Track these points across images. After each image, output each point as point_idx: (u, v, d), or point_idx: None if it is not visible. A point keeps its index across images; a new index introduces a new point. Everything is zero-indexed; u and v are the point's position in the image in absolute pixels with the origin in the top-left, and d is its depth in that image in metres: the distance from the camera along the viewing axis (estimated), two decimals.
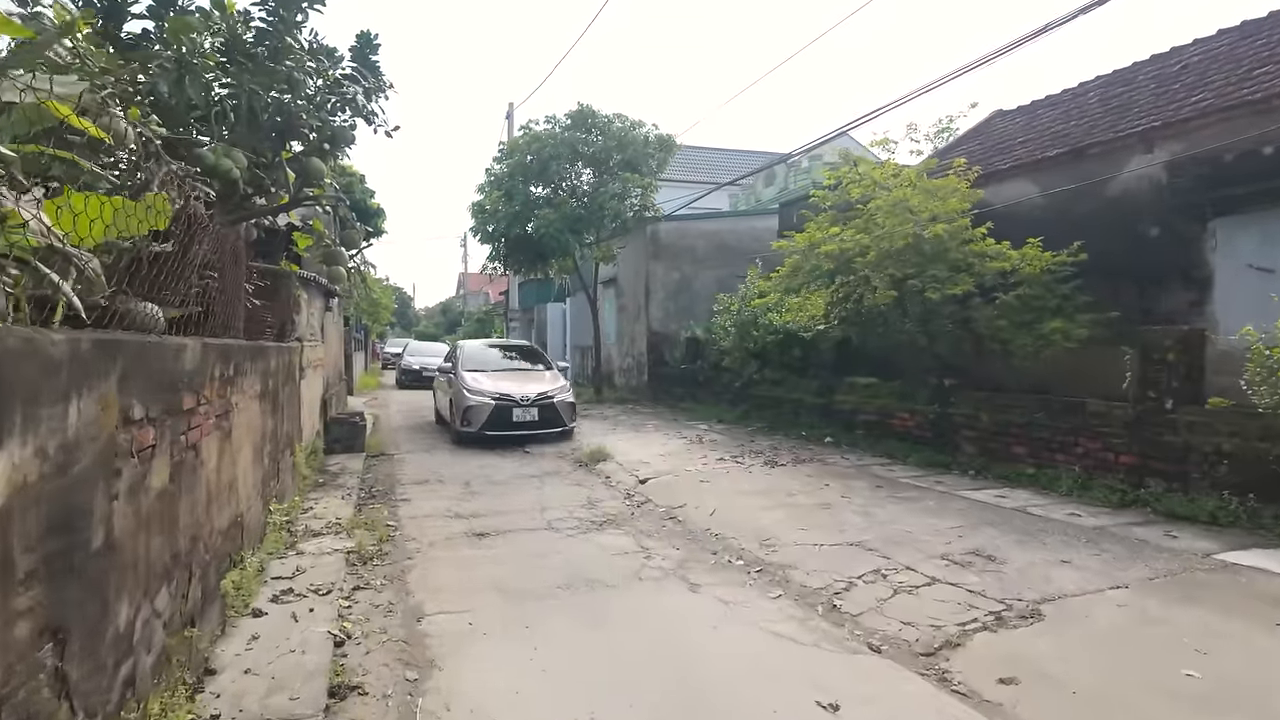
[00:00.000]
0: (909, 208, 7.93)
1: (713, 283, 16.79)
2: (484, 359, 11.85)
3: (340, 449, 9.36)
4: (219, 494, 3.43)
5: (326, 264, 5.17)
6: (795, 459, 8.38)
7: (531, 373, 11.46)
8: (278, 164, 5.11)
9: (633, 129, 14.87)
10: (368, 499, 7.03)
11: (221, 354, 3.41)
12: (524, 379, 10.89)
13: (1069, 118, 10.73)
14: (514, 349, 13.12)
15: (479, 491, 7.33)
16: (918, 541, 5.10)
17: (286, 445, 6.01)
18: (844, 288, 8.93)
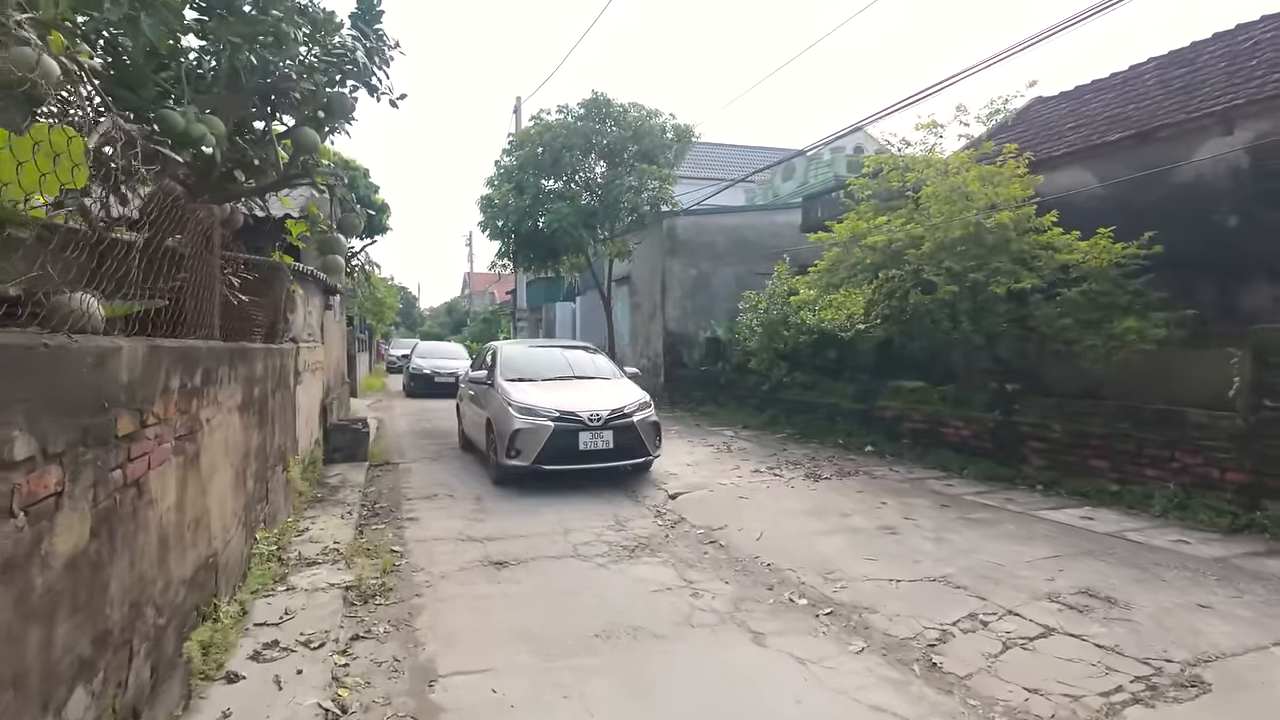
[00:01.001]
0: (966, 194, 7.18)
1: (732, 280, 16.07)
2: (530, 364, 8.65)
3: (341, 458, 8.66)
4: (181, 537, 2.72)
5: (322, 252, 4.47)
6: (839, 471, 7.64)
7: (595, 382, 8.34)
8: (266, 138, 4.41)
9: (649, 118, 14.15)
10: (370, 517, 6.31)
11: (182, 359, 2.69)
12: (587, 390, 7.93)
13: (1125, 101, 9.95)
14: (568, 350, 9.57)
15: (493, 509, 6.61)
16: (1013, 577, 4.36)
17: (278, 460, 5.30)
18: (889, 283, 8.19)
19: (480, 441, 8.44)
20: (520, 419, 7.15)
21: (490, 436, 7.72)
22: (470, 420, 9.19)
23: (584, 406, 7.27)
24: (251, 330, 4.98)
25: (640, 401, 7.64)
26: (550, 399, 7.41)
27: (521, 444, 7.06)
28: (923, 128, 8.58)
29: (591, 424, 7.11)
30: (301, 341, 6.90)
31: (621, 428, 7.24)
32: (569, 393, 7.74)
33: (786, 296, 10.53)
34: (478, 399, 8.64)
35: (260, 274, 5.16)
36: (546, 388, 7.90)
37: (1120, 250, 7.11)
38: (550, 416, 7.13)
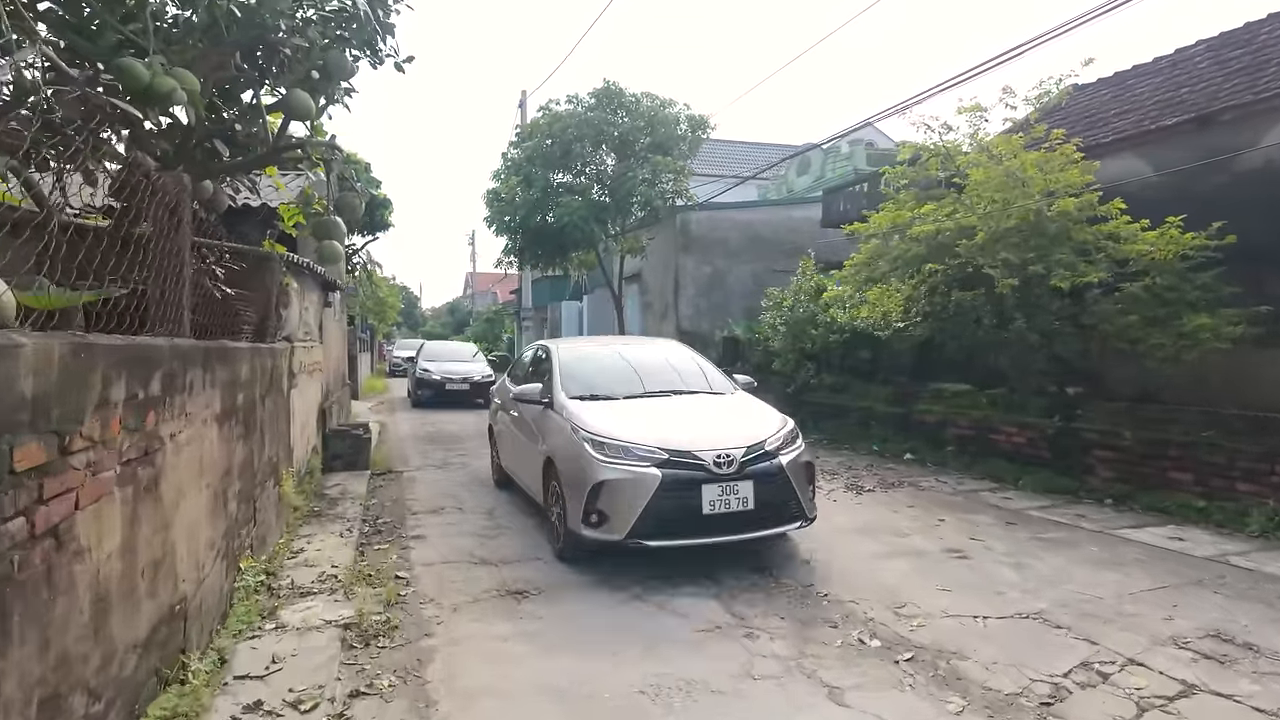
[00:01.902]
0: (1023, 180, 6.56)
1: (748, 278, 15.47)
2: (603, 373, 5.86)
3: (341, 466, 8.07)
4: (130, 589, 2.12)
5: (317, 238, 3.89)
6: (881, 482, 7.03)
7: (702, 399, 5.56)
8: (253, 106, 3.82)
9: (663, 108, 13.56)
10: (372, 535, 5.71)
11: (131, 362, 2.09)
12: (697, 414, 5.26)
13: (1175, 85, 9.32)
14: (647, 350, 6.61)
15: (507, 524, 6.00)
16: (1120, 614, 3.75)
17: (269, 475, 4.70)
18: (932, 278, 7.58)
19: (532, 486, 5.76)
20: (606, 464, 4.51)
21: (552, 484, 5.09)
22: (515, 452, 6.41)
23: (703, 441, 4.58)
24: (238, 328, 4.40)
25: (785, 430, 4.91)
26: (647, 429, 4.74)
27: (609, 504, 4.45)
28: (965, 111, 7.97)
29: (720, 470, 4.44)
30: (297, 341, 6.31)
31: (764, 475, 4.51)
32: (671, 418, 5.07)
33: (814, 293, 9.92)
34: (526, 424, 5.95)
35: (249, 264, 4.58)
36: (635, 411, 5.16)
37: (1190, 240, 6.50)
38: (654, 460, 4.47)
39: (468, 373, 15.82)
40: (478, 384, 15.42)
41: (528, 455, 5.84)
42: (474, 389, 15.38)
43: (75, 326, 2.26)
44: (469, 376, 15.63)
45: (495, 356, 23.85)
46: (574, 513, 4.63)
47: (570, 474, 4.76)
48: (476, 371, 16.02)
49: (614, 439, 4.65)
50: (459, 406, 15.22)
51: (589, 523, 4.51)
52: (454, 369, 16.05)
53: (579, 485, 4.59)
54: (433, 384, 15.62)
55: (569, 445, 4.87)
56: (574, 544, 4.78)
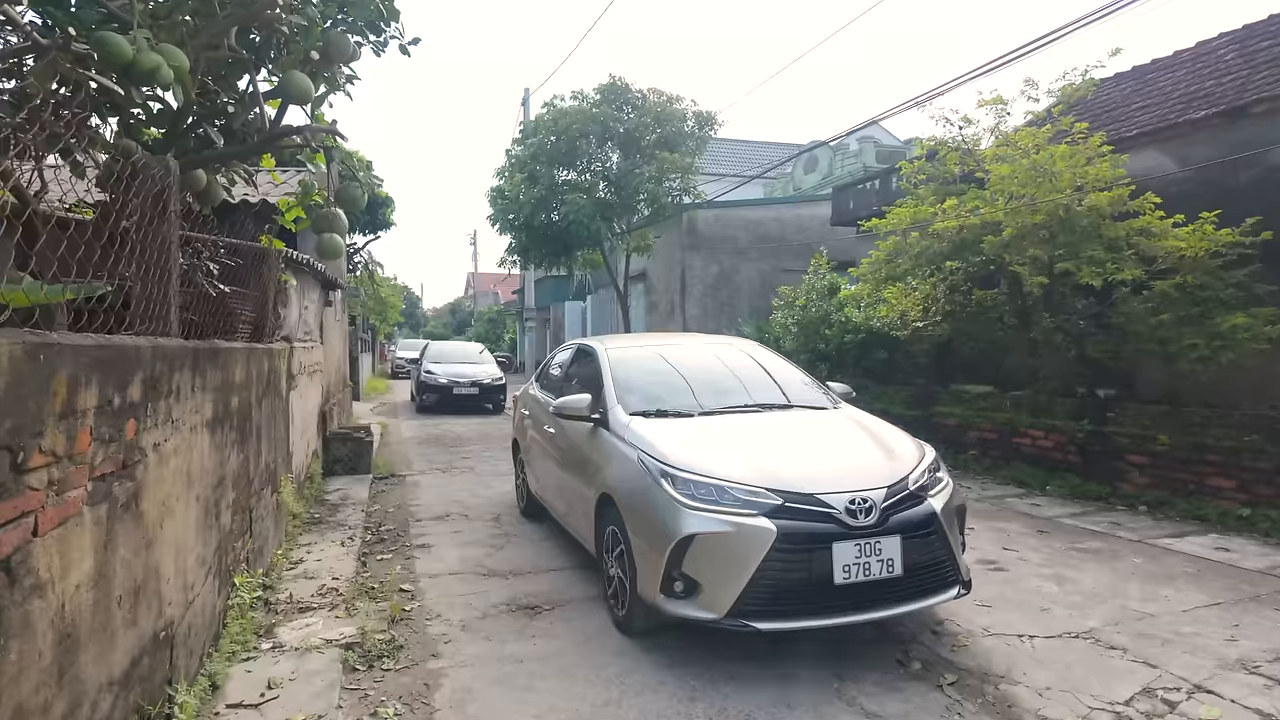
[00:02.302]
0: (1051, 174, 6.31)
1: (755, 277, 15.23)
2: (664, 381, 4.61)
3: (343, 470, 7.84)
4: (104, 621, 1.87)
5: (317, 230, 3.65)
6: None
7: (802, 417, 4.29)
8: (250, 95, 3.58)
9: (670, 104, 13.31)
10: (375, 544, 5.47)
11: (104, 365, 1.85)
12: (803, 438, 4.03)
13: (1200, 78, 9.07)
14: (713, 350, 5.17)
15: (515, 532, 5.76)
16: (1179, 634, 3.50)
17: (266, 482, 4.46)
18: (953, 275, 7.33)
19: (578, 526, 4.54)
20: (696, 511, 3.25)
21: (609, 530, 3.84)
22: (552, 479, 5.12)
23: (826, 479, 3.36)
24: (233, 327, 4.16)
25: (927, 462, 3.66)
26: (746, 461, 3.48)
27: (701, 568, 3.20)
28: (986, 104, 7.72)
29: (856, 521, 3.20)
30: (297, 341, 6.07)
31: (913, 527, 3.29)
32: (772, 444, 3.80)
33: (827, 292, 9.67)
34: (569, 446, 4.71)
35: (245, 260, 4.33)
36: (721, 434, 3.90)
37: (1226, 236, 6.25)
38: (763, 506, 3.23)
39: (476, 375, 14.82)
40: (487, 388, 14.67)
41: (571, 488, 4.56)
42: (483, 393, 14.64)
43: (59, 327, 2.03)
44: (478, 380, 14.68)
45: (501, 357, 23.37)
46: (647, 576, 3.37)
47: (641, 522, 3.49)
48: (485, 374, 14.99)
49: (704, 475, 3.37)
50: (467, 412, 14.51)
51: (671, 592, 3.24)
52: (461, 371, 14.92)
53: (656, 539, 3.33)
54: (439, 388, 14.54)
55: (636, 481, 3.59)
56: (646, 617, 3.48)
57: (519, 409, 6.47)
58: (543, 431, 5.38)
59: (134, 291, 2.37)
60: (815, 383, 4.84)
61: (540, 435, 5.46)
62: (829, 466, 3.56)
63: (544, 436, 5.33)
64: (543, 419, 5.40)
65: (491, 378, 14.88)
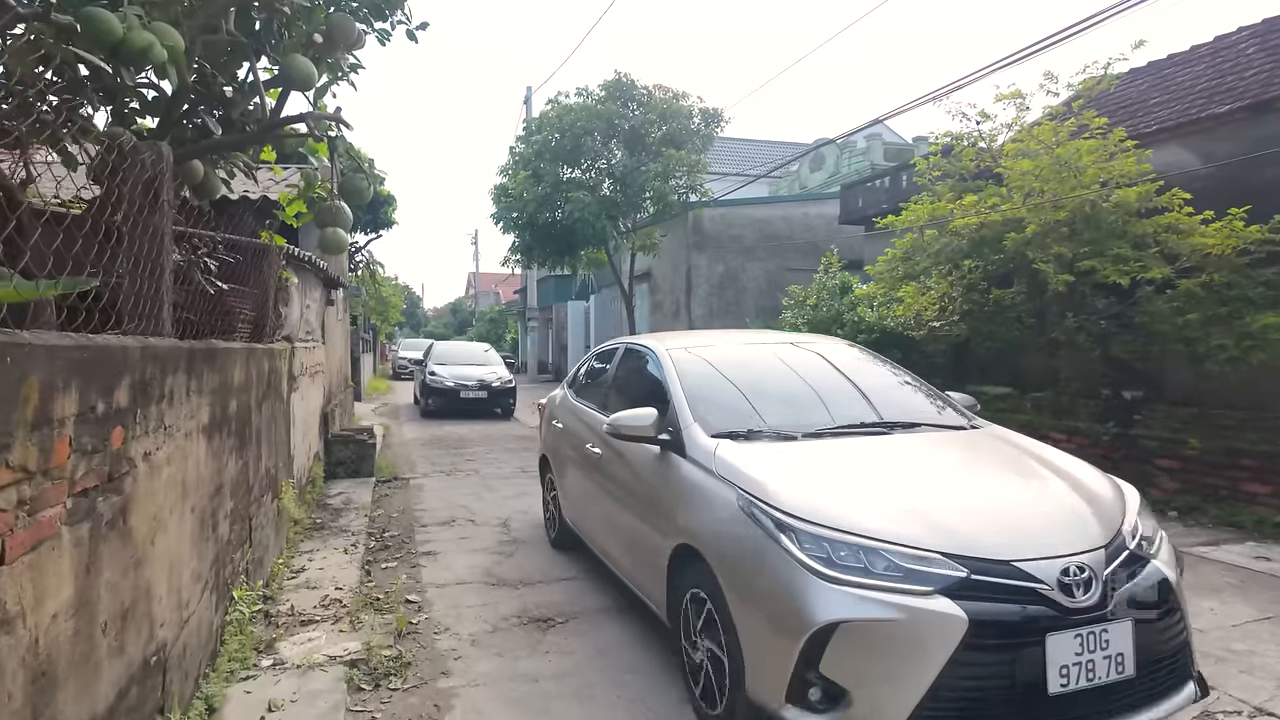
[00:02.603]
0: (1077, 169, 6.12)
1: (762, 277, 15.05)
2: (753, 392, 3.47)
3: (345, 474, 7.65)
4: (87, 652, 1.69)
5: (320, 225, 3.46)
6: None
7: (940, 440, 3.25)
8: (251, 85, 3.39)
9: (676, 100, 13.12)
10: (379, 550, 5.29)
11: (85, 368, 1.66)
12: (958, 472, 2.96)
13: (1221, 72, 8.87)
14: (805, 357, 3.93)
15: (524, 538, 5.58)
16: (1230, 650, 3.31)
17: (267, 488, 4.27)
18: (971, 274, 7.14)
19: (641, 579, 3.53)
20: (841, 588, 2.25)
21: (693, 594, 2.85)
22: (597, 511, 4.16)
23: (1024, 539, 2.37)
24: (232, 326, 3.97)
25: (1134, 505, 2.79)
26: (899, 507, 2.51)
27: (853, 670, 2.23)
28: (1004, 98, 7.53)
29: (1074, 599, 2.24)
30: (298, 341, 5.88)
31: (1144, 603, 2.39)
32: (924, 482, 2.81)
33: (838, 291, 9.48)
34: (626, 474, 3.68)
35: (244, 257, 4.14)
36: (846, 463, 2.96)
37: (1256, 233, 6.06)
38: (941, 579, 2.23)
39: (485, 378, 13.92)
40: (496, 391, 13.83)
41: (629, 529, 3.53)
42: (492, 397, 13.79)
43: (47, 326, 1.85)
44: (486, 382, 13.79)
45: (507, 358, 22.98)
46: (765, 671, 2.36)
47: (750, 593, 2.45)
48: (494, 376, 14.08)
49: (844, 530, 2.33)
50: (475, 416, 13.75)
51: (805, 701, 2.25)
52: (468, 373, 14.00)
53: (778, 621, 2.32)
54: (445, 391, 13.68)
55: (737, 532, 2.56)
56: None
57: (548, 420, 5.48)
58: (584, 452, 4.29)
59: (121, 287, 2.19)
60: (933, 390, 3.79)
61: (581, 455, 4.39)
62: (1015, 517, 2.49)
63: (586, 458, 4.24)
64: (584, 435, 4.40)
65: (501, 380, 14.04)
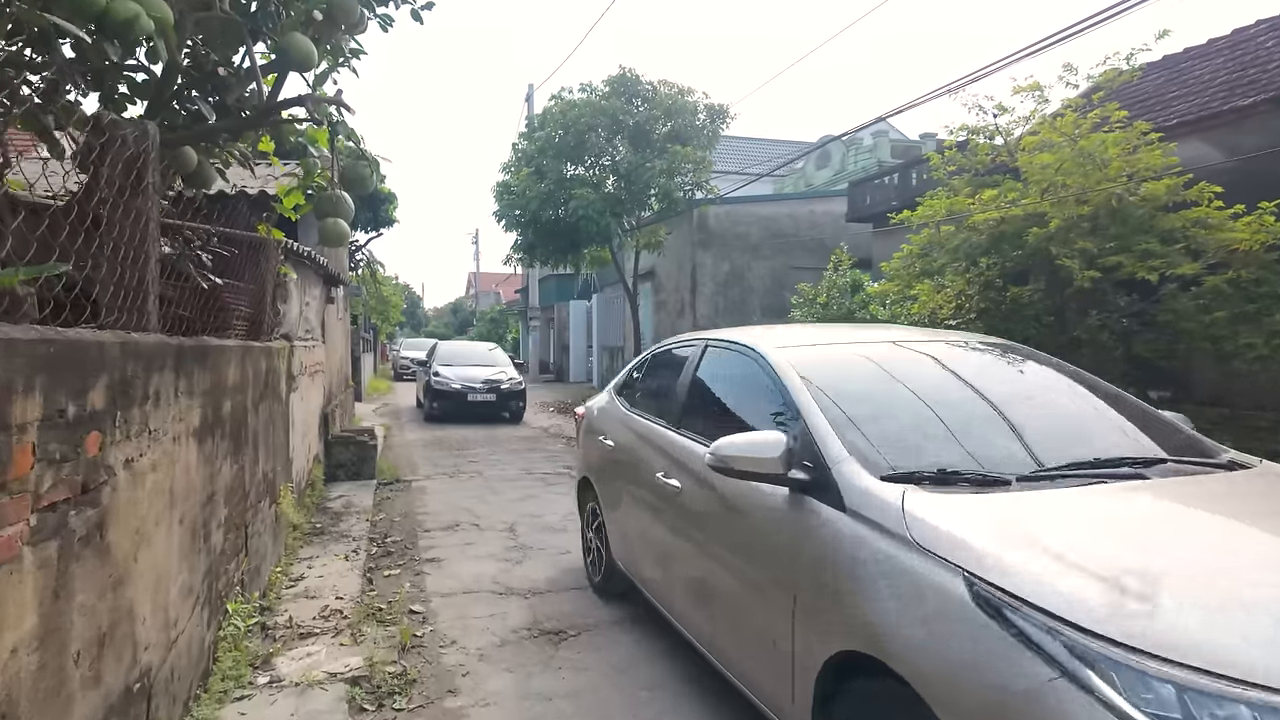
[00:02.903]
0: (1100, 162, 5.92)
1: (767, 275, 14.86)
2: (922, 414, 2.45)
3: (345, 476, 7.46)
4: (56, 688, 1.49)
5: (320, 215, 3.27)
6: None
7: (1213, 487, 2.21)
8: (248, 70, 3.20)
9: (681, 96, 12.93)
10: (381, 557, 5.09)
11: (51, 365, 1.46)
12: None
13: (1242, 65, 8.69)
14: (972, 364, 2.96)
15: (531, 544, 5.38)
16: None
17: (264, 494, 4.08)
18: (989, 271, 6.94)
19: (758, 682, 2.42)
20: None
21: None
22: (676, 562, 3.15)
23: None
24: (227, 323, 3.78)
25: None
26: None
27: None
28: (1022, 91, 7.33)
29: None
30: (297, 339, 5.69)
31: None
32: (1259, 562, 1.68)
33: (849, 289, 9.28)
34: (727, 524, 2.68)
35: (241, 251, 3.95)
36: (1116, 528, 1.84)
37: None
38: None
39: (493, 379, 13.13)
40: (506, 393, 13.03)
41: (735, 602, 2.57)
42: (501, 399, 13.01)
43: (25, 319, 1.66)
44: (495, 383, 13.01)
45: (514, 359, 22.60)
46: None
47: None
48: (503, 377, 13.29)
49: (1217, 672, 1.29)
50: (482, 420, 12.97)
51: None
52: (476, 375, 13.19)
53: None
54: (450, 393, 12.82)
55: (974, 650, 1.55)
56: None
57: (590, 435, 4.49)
58: (652, 482, 3.33)
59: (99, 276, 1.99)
60: (1146, 408, 2.83)
61: (645, 485, 3.47)
62: None
63: (655, 489, 3.31)
64: (649, 459, 3.46)
65: (510, 381, 13.23)
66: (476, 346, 16.31)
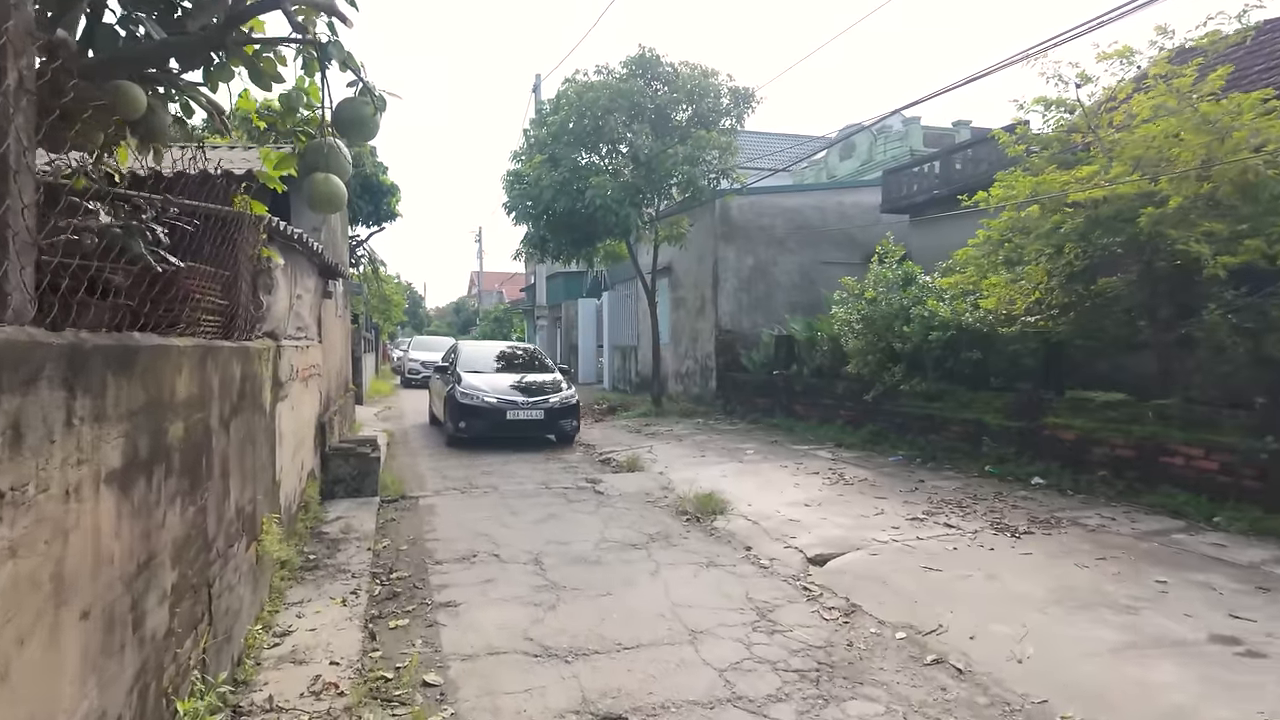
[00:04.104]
0: (1223, 130, 5.06)
1: (794, 270, 13.99)
2: None
3: (344, 492, 6.61)
4: None
5: (307, 171, 2.42)
6: (1030, 518, 5.53)
7: None
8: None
9: (705, 78, 12.06)
10: (385, 600, 4.25)
11: None
12: None
13: None
14: None
15: (563, 582, 4.52)
16: None
17: (240, 533, 3.22)
18: (1077, 261, 6.09)
19: None
20: None
21: None
22: None
23: None
24: (192, 317, 2.93)
25: None
26: None
27: None
28: (1108, 57, 6.46)
29: None
30: (287, 338, 4.84)
31: None
32: None
33: (901, 283, 8.42)
34: None
35: (208, 226, 3.10)
36: None
37: None
38: None
39: (539, 390, 10.03)
40: (556, 409, 9.82)
41: None
42: (549, 417, 9.79)
43: None
44: (542, 396, 9.88)
45: None
46: None
47: None
48: (551, 386, 10.20)
49: None
50: (526, 444, 9.88)
51: None
52: (516, 385, 10.12)
53: None
54: (484, 410, 9.59)
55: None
56: None
57: None
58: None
59: None
60: None
61: None
62: None
63: None
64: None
65: (562, 395, 10.02)
66: (511, 347, 12.84)
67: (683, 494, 6.75)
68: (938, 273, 8.52)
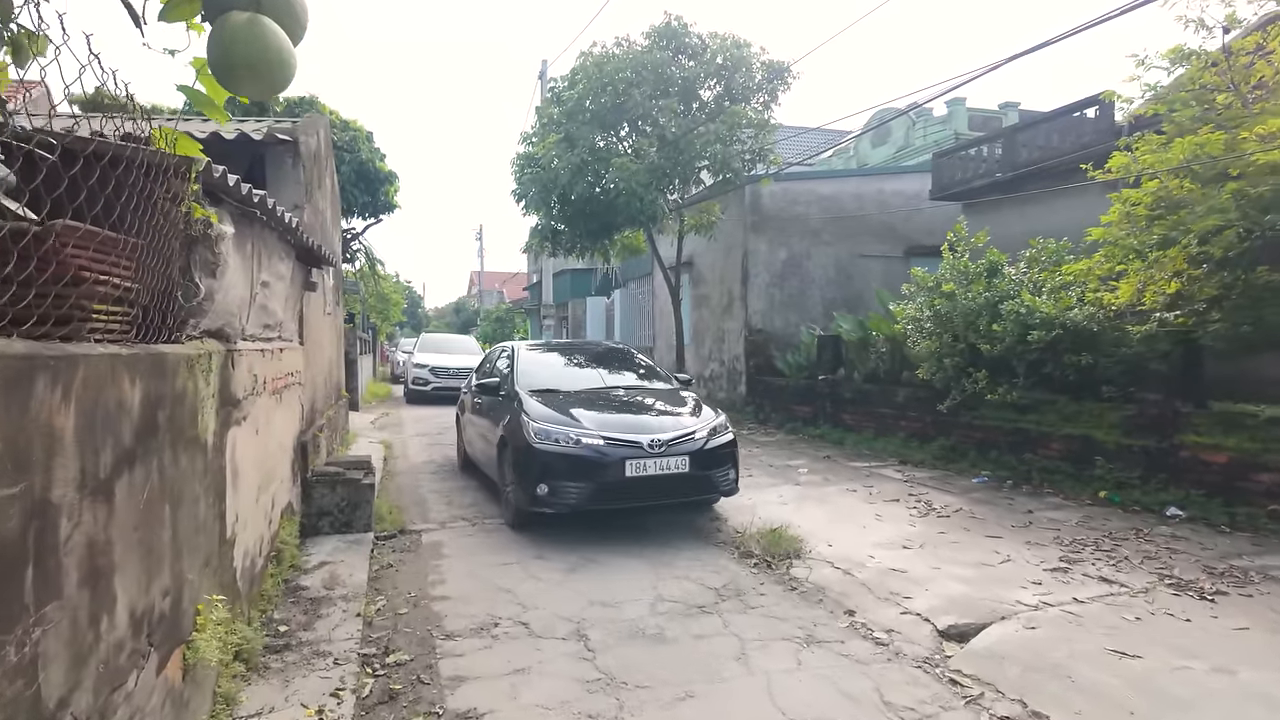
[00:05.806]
0: None
1: (830, 264, 12.82)
2: None
3: (330, 527, 5.43)
4: None
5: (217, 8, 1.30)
6: (1205, 569, 4.33)
7: None
8: None
9: (737, 49, 10.86)
10: (380, 704, 3.05)
11: None
12: None
13: None
14: None
15: (620, 673, 3.31)
16: None
17: (134, 660, 2.02)
18: (1232, 247, 4.89)
19: None
20: None
21: None
22: None
23: None
24: (80, 307, 1.76)
25: None
26: None
27: None
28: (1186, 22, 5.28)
29: None
30: (246, 339, 3.63)
31: None
32: None
33: (985, 274, 7.22)
34: None
35: (105, 176, 1.89)
36: None
37: None
38: None
39: (668, 414, 5.93)
40: (703, 453, 5.52)
41: None
42: (696, 466, 5.47)
43: None
44: (682, 435, 5.54)
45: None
46: None
47: None
48: (690, 416, 5.90)
49: None
50: (651, 513, 5.97)
51: None
52: (629, 416, 5.86)
53: None
54: (589, 464, 5.33)
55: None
56: None
57: None
58: None
59: None
60: None
61: None
62: None
63: None
64: None
65: (708, 425, 5.77)
66: (592, 345, 9.18)
67: (739, 527, 5.54)
68: (1023, 262, 7.33)
